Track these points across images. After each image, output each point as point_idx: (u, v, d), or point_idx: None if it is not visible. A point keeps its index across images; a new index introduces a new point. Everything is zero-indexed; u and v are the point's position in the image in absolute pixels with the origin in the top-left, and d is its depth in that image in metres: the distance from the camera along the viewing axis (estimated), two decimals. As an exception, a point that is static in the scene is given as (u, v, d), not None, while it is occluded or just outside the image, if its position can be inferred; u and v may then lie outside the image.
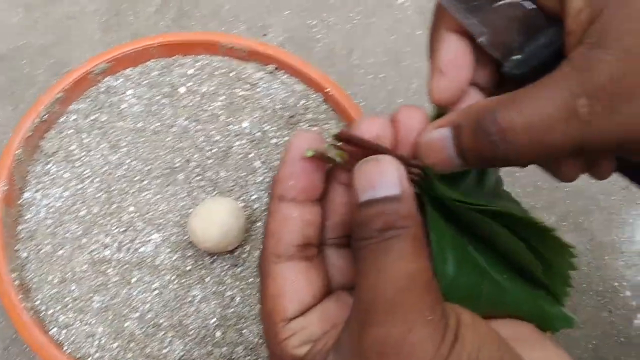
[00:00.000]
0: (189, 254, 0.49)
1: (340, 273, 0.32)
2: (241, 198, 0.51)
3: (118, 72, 0.55)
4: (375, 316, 0.25)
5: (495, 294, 0.30)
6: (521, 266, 0.30)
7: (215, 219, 0.46)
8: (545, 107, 0.25)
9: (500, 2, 0.30)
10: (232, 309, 0.48)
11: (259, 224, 0.50)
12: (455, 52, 0.31)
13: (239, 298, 0.48)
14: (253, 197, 0.51)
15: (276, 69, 0.56)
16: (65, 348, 0.47)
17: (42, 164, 0.52)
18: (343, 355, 0.26)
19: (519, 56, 0.30)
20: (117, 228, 0.50)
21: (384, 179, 0.27)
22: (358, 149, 0.29)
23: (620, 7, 0.25)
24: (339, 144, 0.28)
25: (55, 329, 0.47)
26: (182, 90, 0.55)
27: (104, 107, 0.54)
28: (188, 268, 0.49)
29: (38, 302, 0.48)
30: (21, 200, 0.51)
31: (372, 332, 0.24)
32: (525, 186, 0.71)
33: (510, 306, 0.30)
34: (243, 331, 0.47)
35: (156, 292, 0.48)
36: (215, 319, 0.47)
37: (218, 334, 0.47)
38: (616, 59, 0.24)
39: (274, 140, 0.53)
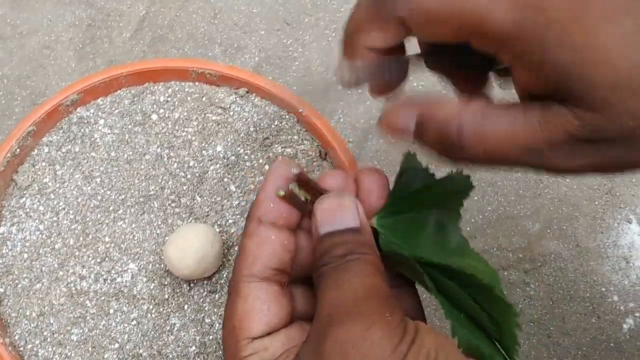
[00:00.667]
0: (167, 282, 0.49)
1: (302, 308, 0.33)
2: (217, 223, 0.51)
3: (89, 102, 0.55)
4: (336, 320, 0.26)
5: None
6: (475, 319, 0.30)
7: (191, 246, 0.46)
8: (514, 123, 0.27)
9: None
10: (212, 336, 0.47)
11: (236, 248, 0.50)
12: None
13: (217, 324, 0.48)
14: (229, 222, 0.51)
15: (248, 92, 0.55)
16: (44, 383, 0.46)
17: (16, 197, 0.52)
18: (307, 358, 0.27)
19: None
20: (93, 259, 0.50)
21: (343, 212, 0.29)
22: (318, 193, 0.31)
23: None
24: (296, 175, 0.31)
25: (34, 364, 0.47)
26: (154, 117, 0.54)
27: (76, 138, 0.53)
28: (166, 296, 0.49)
29: (17, 337, 0.48)
30: (-4, 235, 0.51)
31: (333, 334, 0.25)
32: (508, 195, 0.71)
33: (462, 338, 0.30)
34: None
35: (134, 322, 0.48)
36: (194, 347, 0.47)
37: (198, 361, 0.47)
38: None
39: (249, 163, 0.53)
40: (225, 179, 0.52)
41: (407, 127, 0.30)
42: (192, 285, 0.49)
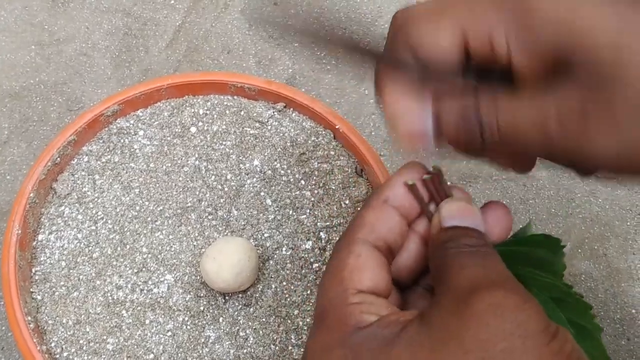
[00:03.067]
0: (202, 294, 0.49)
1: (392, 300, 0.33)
2: (253, 236, 0.51)
3: (129, 113, 0.55)
4: (487, 287, 0.25)
5: None
6: None
7: (228, 259, 0.46)
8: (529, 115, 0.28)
9: None
10: (246, 350, 0.48)
11: (271, 262, 0.51)
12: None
13: (252, 338, 0.48)
14: (265, 236, 0.51)
15: (285, 106, 0.56)
16: (80, 392, 0.47)
17: (55, 206, 0.53)
18: (441, 318, 0.26)
19: None
20: (130, 269, 0.50)
21: (475, 215, 0.30)
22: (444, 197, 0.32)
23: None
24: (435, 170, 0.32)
25: (70, 372, 0.48)
26: (193, 130, 0.55)
27: (116, 148, 0.54)
28: (201, 308, 0.49)
29: (53, 344, 0.48)
30: (35, 242, 0.52)
31: (485, 296, 0.25)
32: (539, 213, 0.71)
33: None
34: (257, 372, 0.47)
35: (170, 333, 0.48)
36: (229, 360, 0.47)
37: (232, 375, 0.47)
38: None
39: (285, 178, 0.53)
40: (262, 193, 0.53)
41: (425, 129, 0.31)
42: (227, 298, 0.49)
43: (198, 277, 0.50)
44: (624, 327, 0.67)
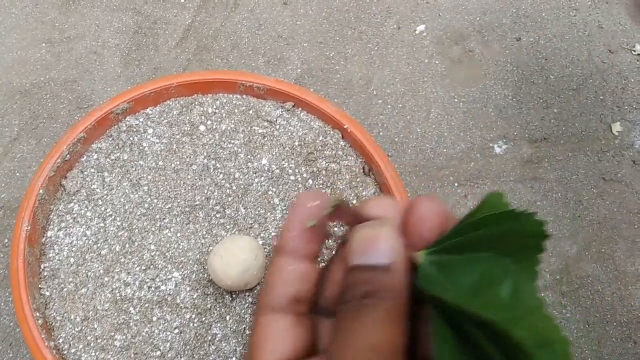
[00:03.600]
0: (209, 291, 0.50)
1: (328, 339, 0.31)
2: (260, 235, 0.51)
3: (139, 111, 0.56)
4: None
5: None
6: None
7: (235, 257, 0.46)
8: None
9: None
10: (252, 348, 0.48)
11: (278, 261, 0.51)
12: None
13: (259, 336, 0.48)
14: (272, 234, 0.51)
15: (294, 106, 0.56)
16: (87, 387, 0.47)
17: (64, 202, 0.53)
18: None
19: None
20: (138, 266, 0.50)
21: (376, 246, 0.27)
22: (359, 221, 0.29)
23: None
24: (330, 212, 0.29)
25: (77, 367, 0.48)
26: (201, 128, 0.55)
27: (125, 146, 0.54)
28: (208, 306, 0.49)
29: (61, 340, 0.49)
30: (44, 239, 0.52)
31: None
32: (547, 215, 0.71)
33: None
34: (263, 370, 0.47)
35: (177, 330, 0.48)
36: (235, 358, 0.48)
37: (238, 372, 0.47)
38: None
39: (293, 177, 0.53)
40: (270, 192, 0.53)
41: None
42: (234, 296, 0.49)
43: (205, 275, 0.50)
44: (631, 330, 0.67)
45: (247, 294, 0.50)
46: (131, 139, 0.55)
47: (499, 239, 0.29)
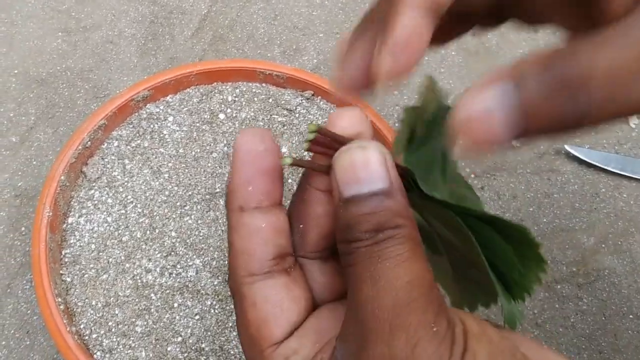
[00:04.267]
0: (230, 279, 0.50)
1: (324, 288, 0.28)
2: (281, 223, 0.52)
3: (159, 99, 0.56)
4: (376, 334, 0.22)
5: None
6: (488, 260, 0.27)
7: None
8: (631, 53, 0.20)
9: None
10: (273, 335, 0.48)
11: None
12: (415, 30, 0.24)
13: (279, 323, 0.48)
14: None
15: (313, 94, 0.56)
16: (109, 372, 0.47)
17: (85, 189, 0.53)
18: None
19: None
20: (159, 253, 0.51)
21: (369, 170, 0.24)
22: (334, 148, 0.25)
23: None
24: (314, 133, 0.25)
25: (99, 352, 0.48)
26: (221, 116, 0.55)
27: (145, 133, 0.55)
28: (229, 293, 0.49)
29: (82, 326, 0.49)
30: (65, 225, 0.52)
31: (375, 351, 0.22)
32: (563, 207, 0.71)
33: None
34: (284, 357, 0.47)
35: (198, 316, 0.49)
36: (256, 345, 0.48)
37: (259, 359, 0.47)
38: None
39: (313, 166, 0.53)
40: (290, 180, 0.53)
41: (497, 114, 0.21)
42: (255, 283, 0.50)
43: (226, 262, 0.50)
44: (647, 323, 0.66)
45: (268, 281, 0.50)
46: (152, 126, 0.55)
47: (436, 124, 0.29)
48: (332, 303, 0.28)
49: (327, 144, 0.25)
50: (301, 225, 0.27)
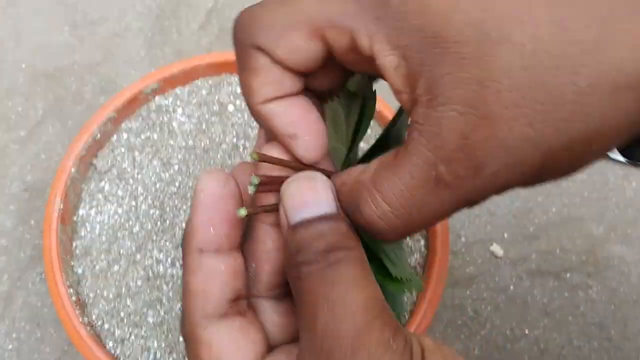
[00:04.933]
0: (241, 269, 0.50)
1: (279, 329, 0.28)
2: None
3: (168, 91, 0.56)
4: (338, 358, 0.22)
5: None
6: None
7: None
8: (410, 184, 0.22)
9: None
10: (284, 324, 0.48)
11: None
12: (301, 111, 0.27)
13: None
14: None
15: (322, 85, 0.56)
16: (121, 363, 0.48)
17: (95, 181, 0.53)
18: None
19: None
20: (170, 243, 0.51)
21: (317, 194, 0.25)
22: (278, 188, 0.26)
23: (441, 57, 0.21)
24: (257, 183, 0.25)
25: (111, 343, 0.48)
26: (230, 108, 0.55)
27: (155, 125, 0.55)
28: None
29: (94, 316, 0.49)
30: (76, 217, 0.52)
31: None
32: (573, 196, 0.71)
33: None
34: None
35: (209, 307, 0.49)
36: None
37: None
38: (459, 114, 0.21)
39: (322, 156, 0.54)
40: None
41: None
42: (265, 273, 0.50)
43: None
44: (657, 312, 0.66)
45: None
46: (161, 118, 0.55)
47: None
48: (287, 345, 0.28)
49: (272, 180, 0.26)
50: (254, 265, 0.28)
